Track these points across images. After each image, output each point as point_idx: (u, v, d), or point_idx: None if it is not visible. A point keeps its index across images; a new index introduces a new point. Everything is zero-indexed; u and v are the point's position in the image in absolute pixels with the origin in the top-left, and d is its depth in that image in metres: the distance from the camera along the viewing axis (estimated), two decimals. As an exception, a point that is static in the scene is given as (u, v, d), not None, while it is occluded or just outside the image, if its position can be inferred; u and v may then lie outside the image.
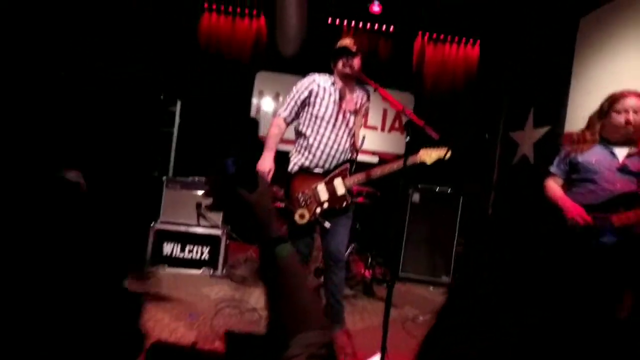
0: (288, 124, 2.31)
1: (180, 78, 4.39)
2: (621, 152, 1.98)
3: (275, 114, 2.36)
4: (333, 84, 2.26)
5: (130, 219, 3.84)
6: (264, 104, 4.48)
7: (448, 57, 4.54)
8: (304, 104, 2.25)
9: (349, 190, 2.19)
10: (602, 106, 2.05)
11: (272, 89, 4.48)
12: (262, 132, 4.42)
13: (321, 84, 2.24)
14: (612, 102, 1.99)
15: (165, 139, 4.46)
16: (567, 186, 2.13)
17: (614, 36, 2.98)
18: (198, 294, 2.87)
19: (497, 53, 4.41)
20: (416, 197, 3.79)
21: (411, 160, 2.08)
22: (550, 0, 3.41)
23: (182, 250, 3.28)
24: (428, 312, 2.94)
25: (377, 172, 2.18)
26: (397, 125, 4.57)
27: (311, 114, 2.22)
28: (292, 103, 2.26)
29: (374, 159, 4.38)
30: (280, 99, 4.45)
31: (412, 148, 1.95)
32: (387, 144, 4.56)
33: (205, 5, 4.30)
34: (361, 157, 4.55)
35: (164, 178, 3.39)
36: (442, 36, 4.50)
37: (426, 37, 4.51)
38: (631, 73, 2.78)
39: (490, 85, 4.47)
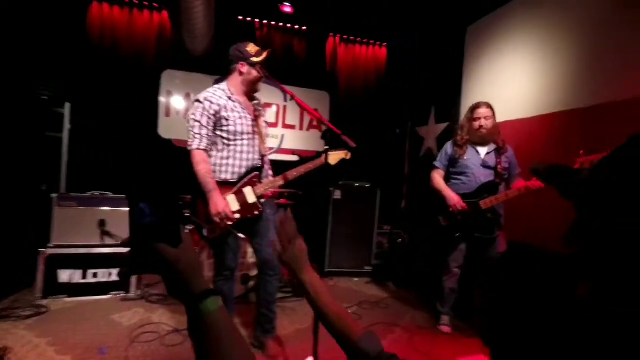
0: (210, 151, 2.12)
1: (67, 75, 3.79)
2: (482, 151, 2.63)
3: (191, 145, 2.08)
4: (229, 97, 2.13)
5: (15, 243, 3.23)
6: (174, 103, 4.12)
7: (359, 57, 4.75)
8: (215, 127, 2.10)
9: (259, 198, 2.14)
10: (466, 115, 2.68)
11: (181, 89, 4.15)
12: (173, 135, 4.07)
13: (220, 102, 2.09)
14: (471, 111, 2.62)
15: (53, 145, 3.82)
16: (446, 177, 2.75)
17: (497, 42, 3.42)
18: (108, 323, 2.54)
19: (401, 56, 4.75)
20: (337, 193, 3.91)
21: (318, 163, 2.13)
22: (441, 10, 3.74)
23: (84, 276, 2.87)
24: (355, 304, 3.06)
25: (288, 177, 2.15)
26: (315, 123, 4.63)
27: (222, 134, 2.11)
28: (204, 131, 2.07)
29: (294, 158, 4.38)
30: (192, 98, 4.15)
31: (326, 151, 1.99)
32: (306, 142, 4.60)
33: (94, -7, 3.78)
34: (281, 157, 4.57)
35: (54, 195, 2.90)
36: (352, 37, 4.67)
37: (337, 38, 4.64)
38: (513, 75, 3.22)
39: (398, 84, 4.80)
